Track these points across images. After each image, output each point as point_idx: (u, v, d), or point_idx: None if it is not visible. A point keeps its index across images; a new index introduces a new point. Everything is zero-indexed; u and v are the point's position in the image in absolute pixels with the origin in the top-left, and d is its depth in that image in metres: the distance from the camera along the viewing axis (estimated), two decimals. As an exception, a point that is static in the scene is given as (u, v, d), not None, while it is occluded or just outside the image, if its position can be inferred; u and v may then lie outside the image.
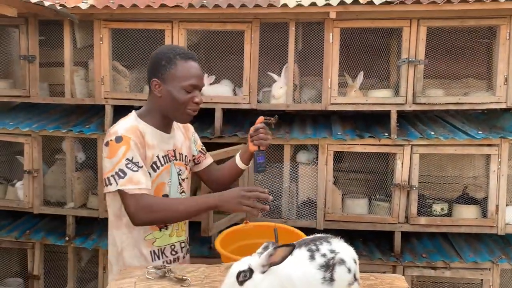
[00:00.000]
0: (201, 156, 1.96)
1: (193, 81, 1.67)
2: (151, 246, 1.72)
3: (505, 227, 2.65)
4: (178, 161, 1.79)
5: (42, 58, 2.93)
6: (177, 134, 1.84)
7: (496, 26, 2.59)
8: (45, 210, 2.95)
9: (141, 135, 1.66)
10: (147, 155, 1.68)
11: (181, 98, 1.67)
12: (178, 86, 1.66)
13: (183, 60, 1.68)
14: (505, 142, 2.60)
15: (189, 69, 1.68)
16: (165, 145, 1.75)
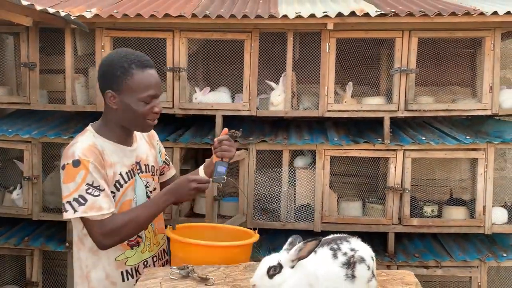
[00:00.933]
0: (165, 167, 1.89)
1: (152, 92, 1.59)
2: (123, 266, 1.66)
3: (492, 227, 2.81)
4: (144, 173, 1.73)
5: (41, 65, 2.95)
6: (140, 144, 1.76)
7: (482, 37, 2.75)
8: (45, 216, 2.95)
9: (100, 154, 1.58)
10: (108, 174, 1.59)
11: (140, 110, 1.58)
12: (136, 98, 1.57)
13: (139, 69, 1.57)
14: (491, 147, 2.76)
15: (147, 79, 1.58)
16: (127, 159, 1.67)
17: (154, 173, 1.79)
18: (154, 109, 1.61)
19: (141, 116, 1.60)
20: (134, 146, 1.72)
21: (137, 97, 1.57)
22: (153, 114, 1.62)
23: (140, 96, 1.57)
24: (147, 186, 1.74)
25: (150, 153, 1.79)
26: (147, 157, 1.76)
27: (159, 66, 2.80)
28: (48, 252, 3.04)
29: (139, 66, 1.58)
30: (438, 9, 2.62)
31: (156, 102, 1.62)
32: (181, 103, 2.82)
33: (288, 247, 1.24)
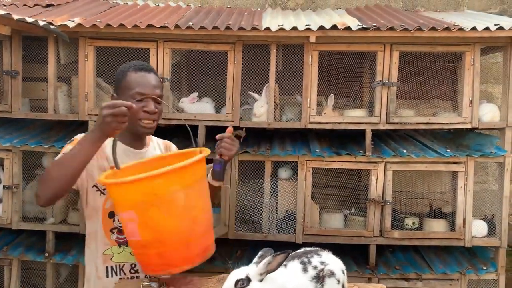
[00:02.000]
0: None
1: (139, 89, 1.66)
2: (109, 262, 1.71)
3: (472, 240, 2.83)
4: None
5: (23, 73, 2.93)
6: (152, 152, 1.82)
7: (462, 52, 2.80)
8: (24, 226, 2.92)
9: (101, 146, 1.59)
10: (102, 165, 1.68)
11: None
12: (127, 96, 1.66)
13: (134, 71, 1.69)
14: (471, 160, 2.79)
15: (137, 78, 1.68)
16: (130, 159, 1.72)
17: None
18: (145, 108, 1.67)
19: (133, 114, 1.59)
20: (143, 151, 1.79)
21: (128, 94, 1.67)
22: (144, 114, 1.67)
23: (130, 93, 1.66)
24: None
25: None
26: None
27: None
28: (27, 262, 3.00)
29: (134, 69, 1.71)
30: (419, 24, 2.67)
31: (149, 102, 1.68)
32: (163, 113, 2.81)
33: (257, 260, 1.24)
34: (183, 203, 1.42)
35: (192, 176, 1.44)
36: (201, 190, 1.51)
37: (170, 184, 1.39)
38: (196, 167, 1.48)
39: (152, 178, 1.37)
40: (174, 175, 1.39)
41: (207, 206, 1.56)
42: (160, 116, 1.79)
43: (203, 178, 1.54)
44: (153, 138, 1.93)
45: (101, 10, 3.10)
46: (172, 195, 1.40)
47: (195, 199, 1.46)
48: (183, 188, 1.41)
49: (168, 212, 1.40)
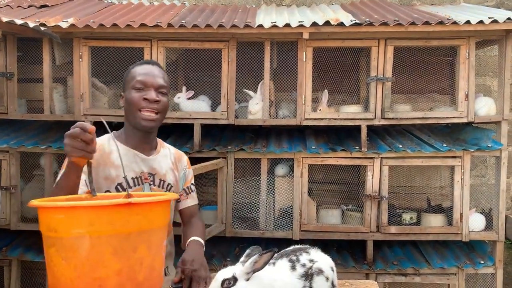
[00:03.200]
0: (182, 195, 1.83)
1: (140, 78, 1.60)
2: None
3: (469, 234, 2.82)
4: (157, 187, 1.70)
5: (19, 74, 2.95)
6: (162, 160, 1.74)
7: (457, 46, 2.78)
8: (23, 226, 2.94)
9: (103, 153, 1.60)
10: (109, 174, 1.60)
11: (131, 97, 1.60)
12: (129, 88, 1.62)
13: (137, 66, 1.66)
14: (467, 154, 2.78)
15: (139, 69, 1.64)
16: (138, 166, 1.67)
17: (168, 191, 1.74)
18: (144, 96, 1.59)
19: (134, 104, 1.60)
20: (151, 157, 1.71)
21: (129, 86, 1.62)
22: (144, 102, 1.60)
23: (131, 84, 1.61)
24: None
25: (171, 173, 1.75)
26: (166, 173, 1.73)
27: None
28: (27, 262, 3.02)
29: (138, 64, 1.67)
30: (413, 18, 2.65)
31: (149, 91, 1.60)
32: (159, 112, 2.82)
33: (244, 259, 1.24)
34: (85, 255, 1.09)
35: (106, 224, 1.11)
36: (121, 247, 1.12)
37: (72, 225, 1.10)
38: (115, 213, 1.12)
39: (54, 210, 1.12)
40: (79, 214, 1.10)
41: (128, 273, 1.13)
42: (165, 110, 1.68)
43: (127, 232, 1.13)
44: (166, 145, 1.84)
45: (95, 10, 3.10)
46: (74, 239, 1.09)
47: (107, 255, 1.11)
48: (89, 234, 1.09)
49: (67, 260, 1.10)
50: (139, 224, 1.13)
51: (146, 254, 1.13)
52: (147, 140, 1.70)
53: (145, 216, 1.14)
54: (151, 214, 1.14)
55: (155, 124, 1.65)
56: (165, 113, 1.69)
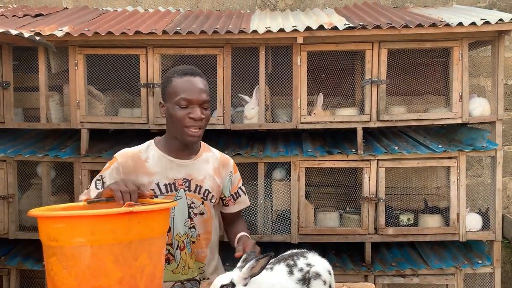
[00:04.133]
0: (230, 200, 1.84)
1: (184, 95, 1.60)
2: None
3: (466, 234, 2.83)
4: (192, 193, 1.70)
5: (15, 83, 2.95)
6: (201, 165, 1.73)
7: (450, 47, 2.81)
8: (21, 235, 2.94)
9: (136, 162, 1.65)
10: (140, 181, 1.63)
11: (176, 114, 1.61)
12: (173, 103, 1.62)
13: (179, 76, 1.64)
14: (463, 155, 2.80)
15: (182, 84, 1.62)
16: (172, 172, 1.68)
17: (205, 197, 1.73)
18: (190, 114, 1.61)
19: (178, 121, 1.61)
20: (189, 162, 1.71)
21: (173, 101, 1.62)
22: (189, 121, 1.61)
23: (175, 100, 1.62)
24: (192, 207, 1.71)
25: (210, 178, 1.74)
26: (204, 180, 1.72)
27: (134, 82, 2.84)
28: (26, 271, 3.02)
29: (180, 74, 1.65)
30: (406, 21, 2.67)
31: (194, 108, 1.61)
32: (155, 118, 2.83)
33: (241, 264, 1.25)
34: (87, 263, 1.10)
35: (108, 233, 1.11)
36: (122, 255, 1.13)
37: (73, 234, 1.11)
38: (116, 222, 1.13)
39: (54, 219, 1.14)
40: (80, 223, 1.11)
41: (129, 281, 1.15)
42: (207, 123, 1.70)
43: (129, 241, 1.14)
44: (211, 149, 1.84)
45: (90, 18, 3.11)
46: (75, 248, 1.10)
47: (108, 263, 1.12)
48: (90, 243, 1.10)
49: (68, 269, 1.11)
50: (140, 232, 1.14)
51: (147, 262, 1.15)
52: (187, 148, 1.72)
53: (146, 225, 1.16)
54: (152, 223, 1.16)
55: (198, 139, 1.69)
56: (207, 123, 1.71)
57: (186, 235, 1.74)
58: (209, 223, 1.78)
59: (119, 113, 3.01)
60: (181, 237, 1.73)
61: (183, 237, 1.73)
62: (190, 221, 1.72)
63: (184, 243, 1.73)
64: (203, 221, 1.75)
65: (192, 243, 1.75)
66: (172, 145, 1.70)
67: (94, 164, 2.84)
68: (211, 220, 1.79)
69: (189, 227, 1.72)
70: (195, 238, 1.75)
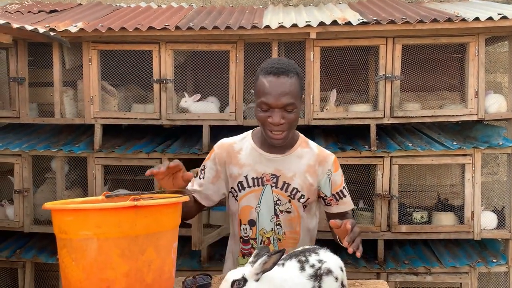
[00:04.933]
0: (332, 200, 1.72)
1: (264, 99, 1.54)
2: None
3: (481, 232, 2.79)
4: (279, 190, 1.65)
5: (30, 79, 2.99)
6: (293, 161, 1.67)
7: (466, 43, 2.76)
8: (36, 229, 2.98)
9: (230, 153, 1.68)
10: (232, 172, 1.67)
11: (258, 116, 1.59)
12: (256, 103, 1.60)
13: (263, 75, 1.57)
14: (478, 152, 2.75)
15: (263, 85, 1.55)
16: (261, 166, 1.65)
17: (292, 195, 1.67)
18: (269, 119, 1.56)
19: (261, 122, 1.59)
20: (279, 157, 1.67)
21: (257, 102, 1.60)
22: (270, 125, 1.57)
23: (257, 101, 1.59)
24: (277, 204, 1.67)
25: (300, 176, 1.67)
26: (293, 177, 1.66)
27: (147, 77, 2.85)
28: (40, 264, 3.06)
29: (265, 72, 1.58)
30: (421, 16, 2.64)
31: (274, 112, 1.55)
32: (168, 114, 2.84)
33: (253, 260, 1.25)
34: (93, 256, 1.11)
35: (114, 226, 1.12)
36: (128, 249, 1.14)
37: (80, 226, 1.13)
38: (122, 216, 1.13)
39: (64, 212, 1.17)
40: (86, 217, 1.13)
41: (136, 275, 1.14)
42: (293, 124, 1.61)
43: (135, 235, 1.15)
44: (310, 144, 1.75)
45: (104, 13, 3.13)
46: (82, 241, 1.12)
47: (115, 256, 1.12)
48: (96, 236, 1.11)
49: (76, 261, 1.13)
50: (147, 226, 1.14)
51: (154, 256, 1.15)
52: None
53: (154, 219, 1.15)
54: (160, 217, 1.17)
55: (283, 141, 1.61)
56: (295, 124, 1.62)
57: (272, 232, 1.70)
58: (296, 222, 1.70)
59: (132, 108, 3.03)
60: (266, 233, 1.70)
61: (269, 233, 1.70)
62: (276, 218, 1.68)
63: (270, 240, 1.71)
64: (289, 219, 1.69)
65: (278, 240, 1.71)
66: (264, 138, 1.66)
67: (107, 159, 2.86)
68: (299, 219, 1.71)
69: (275, 224, 1.69)
70: (281, 235, 1.70)
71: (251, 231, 1.71)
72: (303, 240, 1.75)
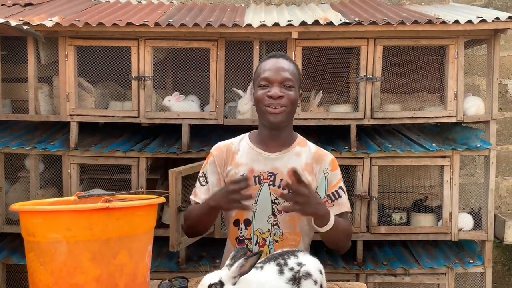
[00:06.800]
0: (327, 202, 1.66)
1: (265, 74, 1.58)
2: None
3: (458, 234, 2.82)
4: (276, 188, 1.62)
5: (4, 74, 2.89)
6: (291, 159, 1.64)
7: (446, 45, 2.78)
8: (7, 229, 2.88)
9: (228, 153, 1.67)
10: (228, 172, 1.66)
11: (256, 95, 1.61)
12: (256, 86, 1.62)
13: (264, 61, 1.64)
14: (456, 154, 2.78)
15: (265, 66, 1.61)
16: (258, 165, 1.64)
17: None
18: (268, 93, 1.57)
19: (259, 101, 1.59)
20: (276, 155, 1.65)
21: (256, 84, 1.62)
22: (267, 99, 1.57)
23: (257, 83, 1.61)
24: (275, 203, 1.63)
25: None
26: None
27: (125, 74, 2.79)
28: (12, 266, 2.97)
29: (265, 59, 1.65)
30: (402, 18, 2.65)
31: (273, 87, 1.57)
32: (146, 112, 2.79)
33: (230, 262, 1.22)
34: (63, 260, 1.07)
35: (84, 229, 1.07)
36: (99, 252, 1.09)
37: (49, 229, 1.08)
38: (93, 218, 1.08)
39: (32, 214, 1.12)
40: (56, 219, 1.07)
41: (107, 279, 1.10)
42: (292, 104, 1.61)
43: (106, 238, 1.10)
44: (308, 144, 1.74)
45: (82, 8, 3.05)
46: (51, 244, 1.08)
47: (85, 260, 1.08)
48: (66, 239, 1.06)
49: (44, 265, 1.08)
50: (119, 229, 1.10)
51: (127, 260, 1.11)
52: (275, 137, 1.66)
53: (126, 221, 1.11)
54: (133, 219, 1.13)
55: (282, 118, 1.60)
56: (294, 107, 1.64)
57: (269, 233, 1.66)
58: (296, 223, 1.66)
59: (110, 106, 2.96)
60: (262, 233, 1.66)
61: (264, 234, 1.66)
62: (273, 218, 1.64)
63: (265, 241, 1.66)
64: (288, 219, 1.64)
65: (275, 241, 1.66)
66: (262, 135, 1.67)
67: (83, 157, 2.79)
68: (299, 220, 1.65)
69: (272, 224, 1.64)
70: (278, 237, 1.66)
71: (246, 230, 1.67)
72: (304, 241, 1.71)
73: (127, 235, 1.12)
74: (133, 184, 2.77)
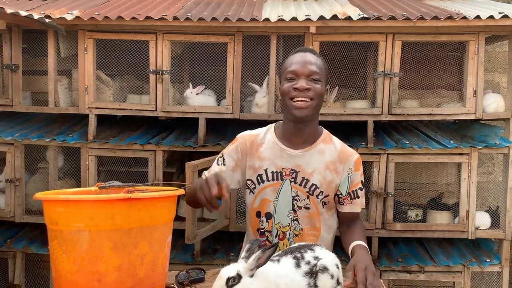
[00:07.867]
0: (346, 199, 1.70)
1: (292, 67, 1.60)
2: None
3: (475, 232, 2.79)
4: (298, 186, 1.65)
5: (24, 66, 2.94)
6: (314, 157, 1.66)
7: (466, 41, 2.74)
8: (27, 219, 2.94)
9: (252, 144, 1.69)
10: (253, 164, 1.68)
11: (283, 89, 1.62)
12: (283, 80, 1.64)
13: (291, 56, 1.66)
14: (475, 151, 2.74)
15: (292, 59, 1.63)
16: (281, 161, 1.65)
17: (311, 192, 1.66)
18: (294, 85, 1.58)
19: (286, 95, 1.60)
20: (299, 152, 1.66)
21: (283, 77, 1.64)
22: (293, 91, 1.58)
23: (284, 76, 1.63)
24: (296, 199, 1.67)
25: (320, 172, 1.65)
26: (313, 173, 1.65)
27: (143, 68, 2.81)
28: (31, 255, 3.03)
29: (292, 53, 1.67)
30: (421, 13, 2.61)
31: (300, 80, 1.59)
32: (164, 106, 2.81)
33: (246, 255, 1.23)
34: (85, 249, 1.09)
35: (106, 218, 1.09)
36: (121, 242, 1.11)
37: (72, 218, 1.10)
38: (115, 208, 1.10)
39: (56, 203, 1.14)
40: (79, 208, 1.10)
41: (128, 269, 1.12)
42: (319, 97, 1.62)
43: (128, 228, 1.12)
44: (334, 140, 1.75)
45: (101, 2, 3.08)
46: (74, 233, 1.10)
47: (106, 249, 1.10)
48: (88, 228, 1.08)
49: (67, 253, 1.10)
50: (140, 219, 1.12)
51: (147, 250, 1.13)
52: (299, 133, 1.66)
53: (147, 212, 1.13)
54: (153, 210, 1.14)
55: (307, 112, 1.60)
56: (320, 100, 1.64)
57: (289, 227, 1.70)
58: (315, 218, 1.69)
59: (128, 99, 2.99)
60: (282, 227, 1.70)
61: (285, 228, 1.70)
62: (293, 213, 1.68)
63: (285, 234, 1.70)
64: (308, 215, 1.68)
65: (295, 236, 1.70)
66: (286, 130, 1.67)
67: (101, 150, 2.82)
68: (319, 216, 1.69)
69: (292, 219, 1.69)
70: (298, 231, 1.70)
71: (267, 223, 1.71)
72: (324, 237, 1.74)
73: (147, 226, 1.13)
74: (149, 176, 2.79)
